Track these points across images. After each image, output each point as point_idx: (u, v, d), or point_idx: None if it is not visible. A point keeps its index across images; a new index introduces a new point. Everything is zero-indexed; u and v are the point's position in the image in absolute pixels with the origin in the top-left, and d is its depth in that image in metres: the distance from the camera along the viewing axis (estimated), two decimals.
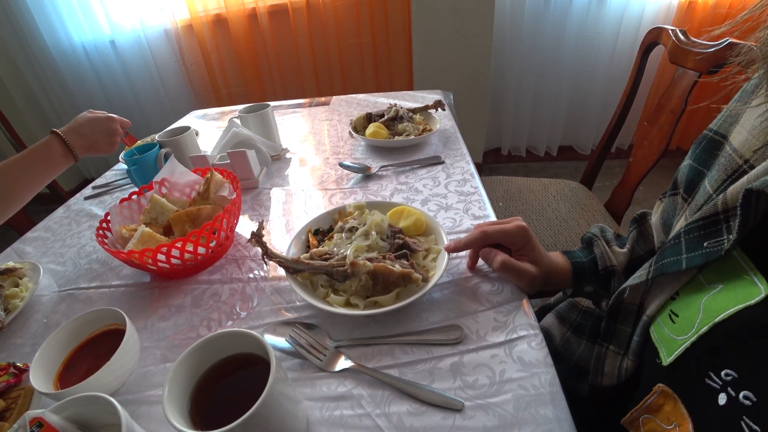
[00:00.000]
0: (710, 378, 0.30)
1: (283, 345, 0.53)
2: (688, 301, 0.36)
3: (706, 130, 0.43)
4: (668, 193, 0.49)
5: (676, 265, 0.37)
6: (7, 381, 0.51)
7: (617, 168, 2.34)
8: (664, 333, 0.37)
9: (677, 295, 0.38)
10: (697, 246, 0.35)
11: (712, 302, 0.33)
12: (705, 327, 0.32)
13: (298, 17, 2.21)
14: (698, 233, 0.36)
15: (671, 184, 0.49)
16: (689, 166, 0.44)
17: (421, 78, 2.17)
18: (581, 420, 0.42)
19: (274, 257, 0.58)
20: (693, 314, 0.34)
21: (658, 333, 0.39)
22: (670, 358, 0.35)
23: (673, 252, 0.38)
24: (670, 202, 0.49)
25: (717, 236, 0.34)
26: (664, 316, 0.38)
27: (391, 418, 0.43)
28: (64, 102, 2.53)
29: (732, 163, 0.37)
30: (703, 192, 0.40)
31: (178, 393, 0.37)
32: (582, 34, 2.15)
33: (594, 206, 1.17)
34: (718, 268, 0.34)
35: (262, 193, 0.93)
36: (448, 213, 0.75)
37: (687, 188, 0.44)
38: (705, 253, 0.34)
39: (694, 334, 0.33)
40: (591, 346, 0.59)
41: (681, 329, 0.35)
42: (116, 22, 2.27)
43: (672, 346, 0.35)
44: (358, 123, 1.11)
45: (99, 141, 0.89)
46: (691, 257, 0.35)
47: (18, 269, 0.71)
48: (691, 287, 0.36)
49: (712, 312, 0.32)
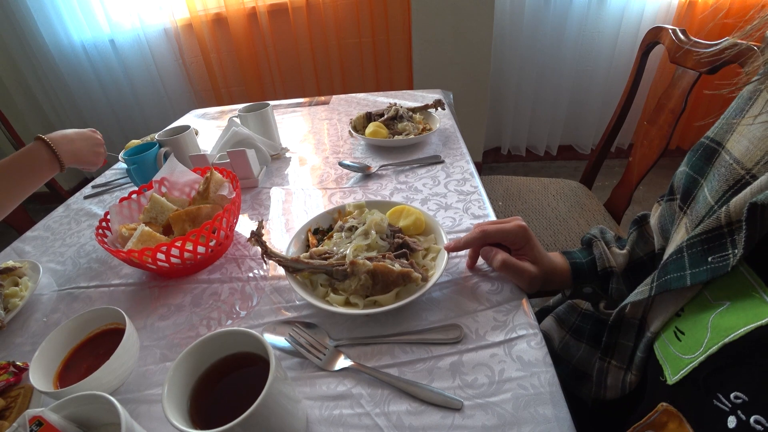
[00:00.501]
0: (719, 399, 0.29)
1: (282, 344, 0.53)
2: (695, 319, 0.34)
3: (703, 138, 0.42)
4: (666, 198, 0.49)
5: (680, 281, 0.35)
6: (7, 380, 0.51)
7: (617, 167, 2.34)
8: (669, 351, 0.36)
9: (682, 312, 0.37)
10: (701, 261, 0.34)
11: (720, 320, 0.32)
12: (714, 347, 0.31)
13: (298, 16, 2.21)
14: (702, 247, 0.35)
15: (668, 189, 0.49)
16: (685, 173, 0.43)
17: (421, 77, 2.17)
18: (583, 425, 0.42)
19: (274, 256, 0.58)
20: (701, 333, 0.33)
21: (663, 350, 0.38)
22: (675, 377, 0.34)
23: (676, 267, 0.36)
24: (667, 208, 0.48)
25: (721, 251, 0.33)
26: (669, 333, 0.37)
27: (391, 417, 0.43)
28: (63, 101, 2.53)
29: (733, 174, 0.36)
30: (703, 203, 0.39)
31: (177, 392, 0.37)
32: (582, 33, 2.15)
33: (594, 206, 1.17)
34: (724, 284, 0.33)
35: (262, 193, 0.93)
36: (448, 212, 0.75)
37: (683, 196, 0.43)
38: (710, 269, 0.33)
39: (702, 354, 0.32)
40: (590, 349, 0.59)
41: (688, 348, 0.34)
42: (116, 21, 2.27)
43: (678, 364, 0.34)
44: (357, 122, 1.11)
45: (84, 149, 0.87)
46: (696, 273, 0.34)
47: (18, 268, 0.71)
48: (696, 304, 0.35)
49: (722, 331, 0.31)
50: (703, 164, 0.41)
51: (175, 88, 2.48)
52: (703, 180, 0.40)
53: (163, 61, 2.39)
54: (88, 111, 2.54)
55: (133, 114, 2.57)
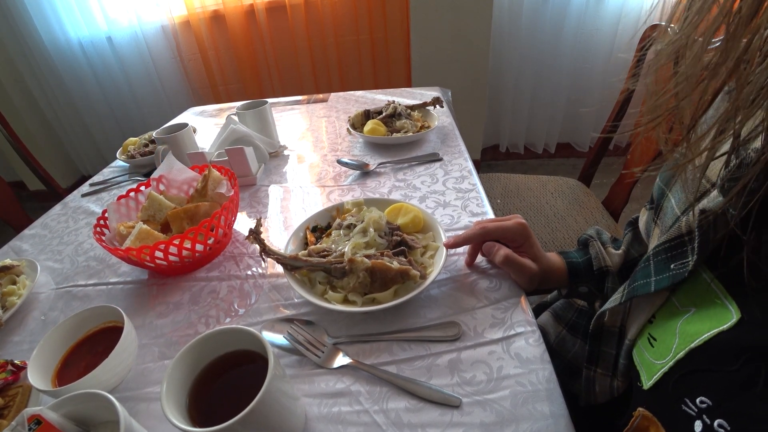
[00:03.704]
0: (686, 404, 0.30)
1: (281, 342, 0.53)
2: (665, 326, 0.36)
3: None
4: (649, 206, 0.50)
5: (645, 287, 0.37)
6: (5, 378, 0.51)
7: (615, 165, 2.34)
8: (644, 357, 0.37)
9: (654, 318, 0.38)
10: (664, 268, 0.36)
11: (687, 326, 0.33)
12: (681, 352, 0.32)
13: (296, 14, 2.20)
14: (665, 255, 0.36)
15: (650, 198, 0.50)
16: (656, 184, 0.44)
17: (420, 75, 2.17)
18: (579, 421, 0.42)
19: (272, 254, 0.58)
20: (670, 338, 0.34)
21: (639, 356, 0.39)
22: (650, 382, 0.35)
23: (643, 275, 0.38)
24: (650, 216, 0.49)
25: (682, 258, 0.34)
26: (644, 339, 0.38)
27: (389, 415, 0.43)
28: (60, 99, 2.52)
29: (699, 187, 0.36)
30: (670, 213, 0.40)
31: (176, 390, 0.37)
32: (580, 30, 2.14)
33: (592, 203, 1.17)
34: (690, 290, 0.34)
35: (260, 190, 0.93)
36: (446, 210, 0.75)
37: (656, 207, 0.44)
38: (671, 275, 0.34)
39: (672, 359, 0.33)
40: (585, 345, 0.60)
41: (659, 353, 0.35)
42: (113, 18, 2.26)
43: (651, 370, 0.35)
44: (356, 120, 1.10)
45: None
46: (659, 279, 0.36)
47: (15, 266, 0.70)
48: (666, 310, 0.37)
49: (687, 337, 0.32)
50: (669, 176, 0.42)
51: (172, 85, 2.47)
52: (669, 191, 0.42)
53: (160, 59, 2.38)
54: (85, 108, 2.53)
55: (130, 112, 2.56)
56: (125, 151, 1.15)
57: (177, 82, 2.47)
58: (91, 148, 2.73)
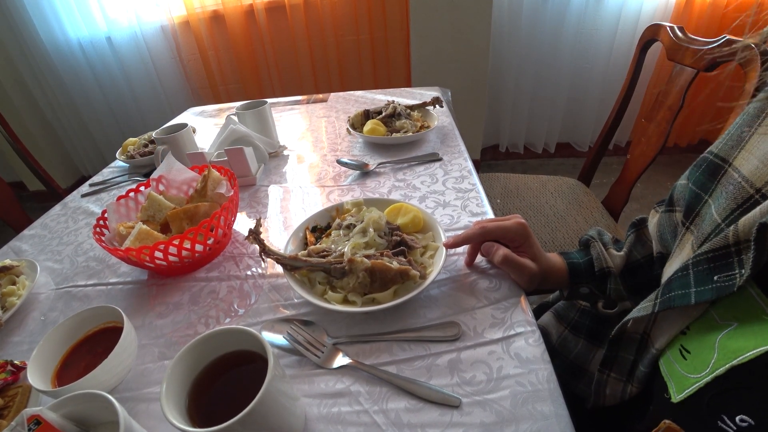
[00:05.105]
0: (723, 421, 0.29)
1: (280, 342, 0.53)
2: (702, 338, 0.34)
3: (706, 153, 0.42)
4: (665, 209, 0.49)
5: (684, 299, 0.35)
6: (5, 379, 0.51)
7: (615, 165, 2.34)
8: (674, 368, 0.36)
9: (688, 330, 0.36)
10: (706, 280, 0.34)
11: (728, 342, 0.31)
12: (722, 368, 0.30)
13: (296, 14, 2.20)
14: (707, 266, 0.34)
15: (667, 200, 0.48)
16: (688, 188, 0.43)
17: (419, 75, 2.17)
18: (580, 422, 0.42)
19: (272, 254, 0.58)
20: (707, 353, 0.32)
21: (668, 368, 0.37)
22: (680, 396, 0.34)
23: (681, 285, 0.36)
24: (667, 218, 0.48)
25: (728, 270, 0.32)
26: (675, 351, 0.37)
27: (389, 415, 0.43)
28: (60, 99, 2.52)
29: (742, 192, 0.35)
30: (710, 220, 0.38)
31: (175, 390, 0.37)
32: (580, 30, 2.15)
33: (592, 203, 1.17)
34: (733, 304, 0.33)
35: (260, 191, 0.93)
36: (446, 210, 0.75)
37: (687, 212, 0.42)
38: (716, 288, 0.32)
39: (709, 374, 0.31)
40: (588, 345, 0.60)
41: (694, 367, 0.33)
42: (112, 18, 2.26)
43: (683, 383, 0.34)
44: (355, 120, 1.10)
45: None
46: (701, 291, 0.34)
47: (15, 267, 0.70)
48: (702, 323, 0.35)
49: (729, 353, 0.30)
50: (707, 180, 0.40)
51: (172, 85, 2.47)
52: (708, 197, 0.40)
53: (160, 59, 2.38)
54: (85, 109, 2.53)
55: (130, 112, 2.56)
56: (125, 152, 1.16)
57: (177, 83, 2.47)
58: (90, 148, 2.73)
